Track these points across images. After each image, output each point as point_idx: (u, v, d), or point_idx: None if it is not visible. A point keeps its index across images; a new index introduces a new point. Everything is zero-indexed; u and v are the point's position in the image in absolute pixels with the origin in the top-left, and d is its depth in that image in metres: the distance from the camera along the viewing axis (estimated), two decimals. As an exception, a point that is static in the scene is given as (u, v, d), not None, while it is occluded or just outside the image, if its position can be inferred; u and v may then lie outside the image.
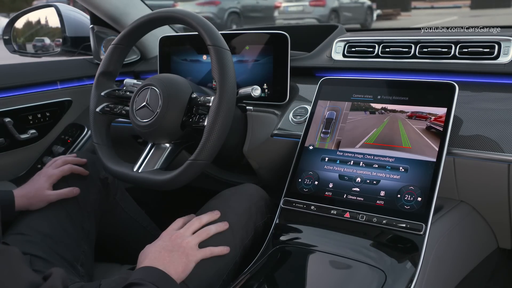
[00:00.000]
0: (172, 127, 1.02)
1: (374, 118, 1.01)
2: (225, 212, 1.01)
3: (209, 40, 0.98)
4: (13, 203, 1.05)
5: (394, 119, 0.98)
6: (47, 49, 1.61)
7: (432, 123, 0.94)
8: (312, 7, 10.84)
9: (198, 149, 0.95)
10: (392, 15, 13.22)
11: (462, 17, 11.86)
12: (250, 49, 1.23)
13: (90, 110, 1.14)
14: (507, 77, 1.02)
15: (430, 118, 0.95)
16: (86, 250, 1.09)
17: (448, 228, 0.96)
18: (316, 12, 10.74)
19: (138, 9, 1.54)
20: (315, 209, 0.97)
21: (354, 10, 11.44)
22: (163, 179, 0.98)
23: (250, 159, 1.22)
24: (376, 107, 1.02)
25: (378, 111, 1.01)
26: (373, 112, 1.02)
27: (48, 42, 1.60)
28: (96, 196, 1.16)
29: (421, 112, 0.97)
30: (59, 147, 1.49)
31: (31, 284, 0.66)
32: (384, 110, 1.01)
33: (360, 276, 0.85)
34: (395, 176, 0.93)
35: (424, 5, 14.50)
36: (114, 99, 1.14)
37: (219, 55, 0.96)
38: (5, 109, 1.37)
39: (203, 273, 0.91)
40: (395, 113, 0.99)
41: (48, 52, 1.60)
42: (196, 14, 1.02)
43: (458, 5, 13.53)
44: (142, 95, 1.05)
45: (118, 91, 1.14)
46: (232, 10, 10.70)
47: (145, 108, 1.03)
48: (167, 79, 1.06)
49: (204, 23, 1.00)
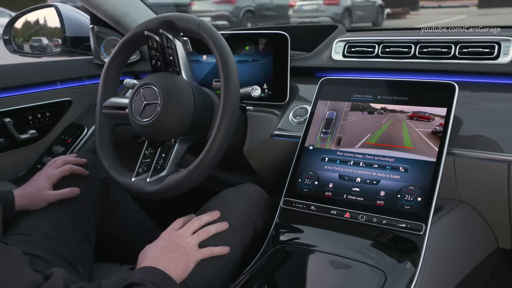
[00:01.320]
0: (172, 126, 1.02)
1: (374, 118, 1.01)
2: (225, 212, 1.01)
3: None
4: (13, 203, 1.05)
5: (398, 120, 0.98)
6: (44, 49, 1.61)
7: (436, 127, 0.94)
8: (326, 6, 10.94)
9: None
10: (401, 14, 13.24)
11: (470, 16, 11.82)
12: (250, 49, 1.23)
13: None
14: (507, 77, 1.02)
15: (432, 119, 0.95)
16: (86, 250, 1.09)
17: (448, 228, 0.96)
18: (330, 11, 10.85)
19: (138, 9, 1.53)
20: (315, 209, 0.97)
21: (366, 9, 11.57)
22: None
23: (250, 159, 1.22)
24: (376, 107, 1.02)
25: (378, 111, 1.01)
26: (373, 112, 1.02)
27: (46, 42, 1.60)
28: (96, 196, 1.16)
29: (421, 112, 0.97)
30: (59, 147, 1.49)
31: (32, 284, 0.66)
32: (384, 110, 1.01)
33: (360, 276, 0.85)
34: (395, 176, 0.93)
35: (431, 4, 14.48)
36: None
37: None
38: (5, 109, 1.37)
39: (203, 273, 0.92)
40: (395, 113, 0.99)
41: (46, 52, 1.60)
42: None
43: (466, 4, 13.47)
44: (140, 95, 1.04)
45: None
46: (248, 9, 10.90)
47: (144, 107, 1.03)
48: (164, 76, 1.05)
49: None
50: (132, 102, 1.05)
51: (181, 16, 1.04)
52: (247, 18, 10.80)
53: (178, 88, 1.02)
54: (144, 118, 1.02)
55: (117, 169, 1.08)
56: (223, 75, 0.96)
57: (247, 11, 10.85)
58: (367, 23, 11.29)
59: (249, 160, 1.23)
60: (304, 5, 11.26)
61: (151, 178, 1.01)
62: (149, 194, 0.99)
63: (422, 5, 14.38)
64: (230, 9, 10.61)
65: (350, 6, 11.09)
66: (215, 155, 0.95)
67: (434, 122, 0.94)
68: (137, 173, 1.04)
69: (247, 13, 10.85)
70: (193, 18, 1.02)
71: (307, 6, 11.18)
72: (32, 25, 1.62)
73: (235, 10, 10.63)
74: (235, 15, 10.58)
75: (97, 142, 1.12)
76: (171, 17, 1.04)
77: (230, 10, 10.57)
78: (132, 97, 1.06)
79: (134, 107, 1.04)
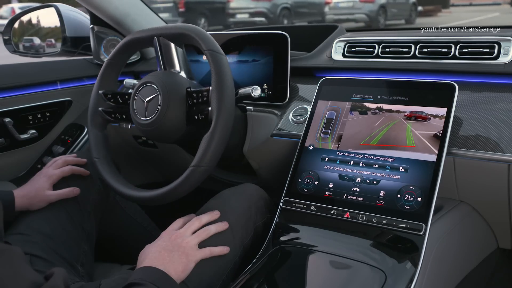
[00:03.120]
0: (175, 123, 1.02)
1: (374, 118, 1.01)
2: (225, 212, 1.01)
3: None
4: (13, 203, 1.04)
5: (398, 120, 0.98)
6: (36, 49, 1.61)
7: (436, 127, 0.94)
8: (362, 3, 11.07)
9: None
10: (432, 11, 13.23)
11: (503, 13, 11.74)
12: (250, 49, 1.23)
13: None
14: (507, 77, 1.02)
15: (429, 119, 0.95)
16: (86, 250, 1.09)
17: (448, 228, 0.96)
18: (365, 8, 10.99)
19: (138, 9, 1.53)
20: (315, 209, 0.97)
21: (399, 6, 11.75)
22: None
23: (250, 159, 1.22)
24: (376, 107, 1.02)
25: (378, 111, 1.01)
26: (373, 112, 1.02)
27: (38, 42, 1.60)
28: (96, 196, 1.16)
29: (419, 111, 0.97)
30: (59, 147, 1.49)
31: (33, 284, 0.66)
32: (384, 110, 1.01)
33: (360, 276, 0.85)
34: (395, 176, 0.93)
35: (462, 2, 14.42)
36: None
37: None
38: (5, 109, 1.37)
39: (203, 273, 0.92)
40: (395, 113, 0.99)
41: (38, 52, 1.60)
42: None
43: (498, 1, 13.39)
44: (140, 94, 1.04)
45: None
46: (284, 6, 11.17)
47: (145, 106, 1.03)
48: (163, 75, 1.05)
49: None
50: (134, 101, 1.05)
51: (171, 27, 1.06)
52: (283, 15, 11.08)
53: (178, 86, 1.03)
54: (146, 116, 1.02)
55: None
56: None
57: (283, 8, 11.14)
58: (401, 20, 11.42)
59: (249, 160, 1.23)
60: (340, 3, 11.41)
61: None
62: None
63: (453, 3, 14.31)
64: (268, 6, 10.94)
65: (385, 4, 11.24)
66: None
67: (434, 122, 0.94)
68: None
69: (283, 10, 11.14)
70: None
71: (343, 3, 11.33)
72: (32, 25, 1.62)
73: (272, 7, 10.95)
74: (272, 12, 10.91)
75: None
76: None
77: (267, 7, 10.91)
78: (133, 96, 1.06)
79: (136, 106, 1.05)
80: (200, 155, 0.94)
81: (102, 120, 1.13)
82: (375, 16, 10.87)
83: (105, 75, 1.13)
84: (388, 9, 11.35)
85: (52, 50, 1.58)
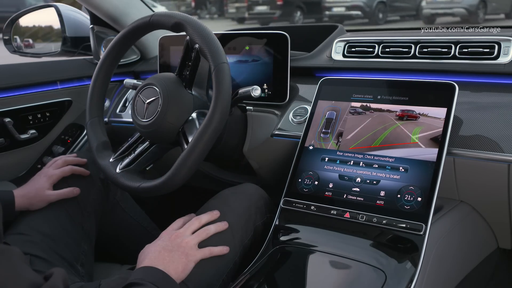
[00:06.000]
0: (174, 124, 1.02)
1: (374, 118, 1.01)
2: (225, 212, 1.01)
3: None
4: (13, 203, 1.05)
5: (398, 120, 0.98)
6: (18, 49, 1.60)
7: (435, 127, 0.94)
8: None
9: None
10: None
11: None
12: (250, 49, 1.23)
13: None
14: (507, 77, 1.02)
15: (420, 117, 0.95)
16: (86, 250, 1.09)
17: (448, 228, 0.96)
18: (465, 2, 10.42)
19: (138, 9, 1.54)
20: (315, 209, 0.97)
21: (500, 0, 11.17)
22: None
23: (250, 159, 1.22)
24: (376, 107, 1.02)
25: (378, 111, 1.01)
26: (373, 112, 1.02)
27: (17, 42, 1.59)
28: (96, 196, 1.16)
29: (421, 112, 0.97)
30: (59, 147, 1.49)
31: (32, 284, 0.66)
32: (384, 110, 1.01)
33: (360, 276, 0.85)
34: (395, 176, 0.93)
35: None
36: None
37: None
38: (5, 109, 1.37)
39: (202, 273, 0.92)
40: (395, 113, 0.99)
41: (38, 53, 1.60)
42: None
43: None
44: (142, 95, 1.04)
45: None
46: (380, 0, 11.06)
47: (146, 107, 1.03)
48: (166, 78, 1.05)
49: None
50: (135, 102, 1.06)
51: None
52: (379, 9, 11.01)
53: (178, 88, 1.03)
54: (145, 118, 1.02)
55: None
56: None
57: (379, 3, 11.04)
58: (500, 15, 10.95)
59: (249, 160, 1.23)
60: (438, -4, 10.98)
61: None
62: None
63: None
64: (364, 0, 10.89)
65: (486, -3, 10.74)
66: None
67: (434, 122, 0.94)
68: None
69: (379, 4, 11.05)
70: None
71: (442, -4, 10.89)
72: (32, 25, 1.62)
73: (368, 1, 10.85)
74: (369, 5, 10.82)
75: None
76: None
77: (364, 1, 10.80)
78: (134, 97, 1.06)
79: (137, 108, 1.05)
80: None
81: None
82: (474, 10, 10.23)
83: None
84: (489, 3, 10.66)
85: (29, 50, 1.58)
